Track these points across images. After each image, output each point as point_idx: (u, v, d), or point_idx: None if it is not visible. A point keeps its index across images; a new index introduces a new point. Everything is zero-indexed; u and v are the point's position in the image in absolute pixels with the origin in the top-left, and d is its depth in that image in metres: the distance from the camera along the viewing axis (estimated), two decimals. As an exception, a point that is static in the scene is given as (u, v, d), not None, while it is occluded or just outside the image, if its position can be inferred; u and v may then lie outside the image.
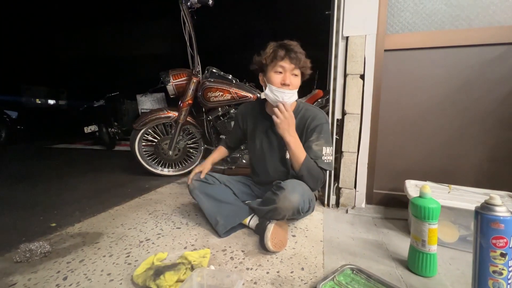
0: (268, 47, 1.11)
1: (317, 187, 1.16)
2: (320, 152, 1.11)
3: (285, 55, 1.07)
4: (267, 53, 1.09)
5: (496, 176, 1.33)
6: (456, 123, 1.37)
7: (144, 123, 2.10)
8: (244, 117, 1.32)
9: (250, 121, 1.30)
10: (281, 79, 1.08)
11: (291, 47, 1.07)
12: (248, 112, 1.32)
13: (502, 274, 0.61)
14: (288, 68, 1.07)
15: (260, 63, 1.12)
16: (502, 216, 0.61)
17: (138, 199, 1.67)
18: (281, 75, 1.08)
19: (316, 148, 1.11)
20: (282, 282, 0.83)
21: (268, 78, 1.11)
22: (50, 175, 2.37)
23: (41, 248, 0.98)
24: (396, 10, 1.38)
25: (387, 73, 1.42)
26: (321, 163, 1.10)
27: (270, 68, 1.10)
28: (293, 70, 1.09)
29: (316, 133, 1.13)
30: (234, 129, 1.41)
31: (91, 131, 4.00)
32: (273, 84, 1.09)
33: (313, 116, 1.16)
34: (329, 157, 1.12)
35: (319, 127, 1.13)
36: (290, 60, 1.06)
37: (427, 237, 0.83)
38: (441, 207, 0.85)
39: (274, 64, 1.08)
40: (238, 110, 1.40)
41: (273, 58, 1.08)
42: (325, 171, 1.15)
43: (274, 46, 1.09)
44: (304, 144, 1.13)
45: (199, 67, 2.07)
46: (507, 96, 1.28)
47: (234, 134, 1.42)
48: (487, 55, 1.29)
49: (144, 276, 0.80)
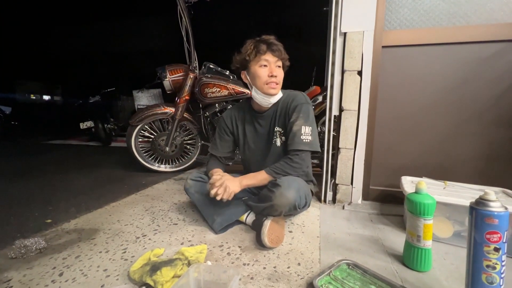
0: (248, 44, 1.13)
1: (306, 170, 1.19)
2: (299, 131, 1.12)
3: (267, 48, 1.10)
4: (249, 49, 1.11)
5: (491, 172, 1.35)
6: (453, 120, 1.37)
7: (140, 119, 2.08)
8: (233, 119, 1.31)
9: (240, 122, 1.30)
10: (268, 71, 1.11)
11: (270, 41, 1.11)
12: (236, 114, 1.31)
13: (495, 269, 0.62)
14: (272, 60, 1.11)
15: (243, 60, 1.14)
16: (496, 211, 0.62)
17: (134, 195, 1.66)
18: (267, 68, 1.11)
19: (296, 129, 1.12)
20: (279, 277, 0.84)
21: (254, 73, 1.13)
22: (45, 171, 2.35)
23: (37, 244, 0.98)
24: (394, 7, 1.38)
25: (384, 70, 1.42)
26: (301, 145, 1.10)
27: (254, 63, 1.12)
28: (276, 62, 1.13)
29: (295, 113, 1.15)
30: (221, 139, 1.31)
31: (86, 127, 3.97)
32: (260, 77, 1.11)
33: (293, 98, 1.18)
34: (308, 137, 1.12)
35: (298, 107, 1.15)
36: (273, 52, 1.10)
37: (422, 232, 0.84)
38: (436, 203, 0.86)
39: (258, 58, 1.11)
40: (224, 116, 1.32)
41: (257, 53, 1.10)
42: (306, 152, 1.14)
43: (254, 42, 1.12)
44: (287, 126, 1.16)
45: (196, 63, 2.05)
46: (504, 93, 1.29)
47: (223, 143, 1.31)
48: (484, 52, 1.29)
49: (141, 272, 0.80)
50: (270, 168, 1.12)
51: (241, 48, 1.16)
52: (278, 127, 1.21)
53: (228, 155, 1.35)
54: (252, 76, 1.14)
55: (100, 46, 9.68)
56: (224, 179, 1.06)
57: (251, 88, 1.17)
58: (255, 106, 1.24)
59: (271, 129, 1.23)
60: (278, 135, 1.21)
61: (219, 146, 1.31)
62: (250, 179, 1.12)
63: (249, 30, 1.39)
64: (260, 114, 1.23)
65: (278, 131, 1.21)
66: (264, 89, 1.13)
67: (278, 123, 1.20)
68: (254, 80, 1.14)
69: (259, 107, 1.23)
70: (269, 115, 1.22)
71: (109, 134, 4.15)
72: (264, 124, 1.24)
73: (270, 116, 1.22)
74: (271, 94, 1.13)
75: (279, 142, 1.21)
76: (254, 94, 1.17)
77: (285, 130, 1.19)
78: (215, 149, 1.32)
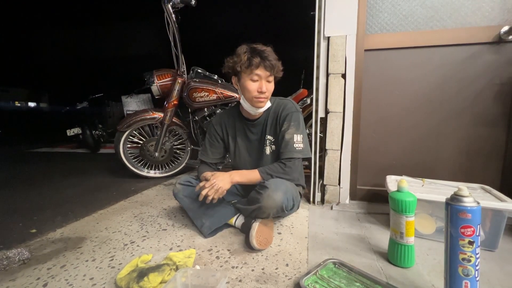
0: (241, 51, 1.09)
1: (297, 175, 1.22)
2: (292, 140, 1.15)
3: (260, 62, 1.06)
4: (242, 60, 1.07)
5: (470, 169, 1.40)
6: (433, 120, 1.42)
7: (128, 124, 2.06)
8: (223, 126, 1.31)
9: (230, 127, 1.30)
10: (257, 87, 1.10)
11: (265, 54, 1.07)
12: (225, 120, 1.31)
13: (470, 261, 0.65)
14: (263, 75, 1.09)
15: (234, 68, 1.11)
16: (469, 206, 0.65)
17: (123, 202, 1.64)
18: (257, 83, 1.10)
19: (288, 137, 1.15)
20: (267, 278, 0.85)
21: (244, 84, 1.12)
22: (31, 180, 2.29)
23: (20, 255, 0.96)
24: (374, 11, 1.43)
25: (367, 72, 1.46)
26: (294, 153, 1.14)
27: (245, 75, 1.10)
28: (268, 77, 1.11)
29: (286, 121, 1.17)
30: (211, 145, 1.31)
31: (74, 134, 3.89)
32: (249, 91, 1.10)
33: (284, 107, 1.20)
34: (300, 145, 1.15)
35: (289, 115, 1.17)
36: (265, 68, 1.08)
37: (405, 229, 0.87)
38: (419, 200, 0.89)
39: (250, 72, 1.08)
40: (213, 122, 1.33)
41: (249, 65, 1.07)
42: (298, 159, 1.18)
43: (248, 52, 1.07)
44: (279, 135, 1.18)
45: (184, 67, 2.05)
46: (479, 93, 1.35)
47: (214, 149, 1.31)
48: (460, 54, 1.35)
49: (128, 279, 0.79)
50: (263, 168, 1.14)
51: (233, 53, 1.12)
52: (269, 135, 1.23)
53: (218, 161, 1.36)
54: (241, 86, 1.13)
55: (88, 51, 9.52)
56: (214, 178, 1.07)
57: (240, 94, 1.19)
58: (245, 113, 1.25)
59: (262, 137, 1.25)
60: (268, 144, 1.23)
61: (209, 152, 1.32)
62: (241, 176, 1.13)
63: (238, 34, 1.41)
64: (251, 122, 1.24)
65: (268, 140, 1.23)
66: (252, 102, 1.13)
67: (269, 131, 1.22)
68: (243, 91, 1.14)
69: (248, 115, 1.23)
70: (260, 123, 1.24)
71: (97, 141, 4.08)
72: (255, 131, 1.26)
73: (261, 124, 1.24)
74: (258, 107, 1.15)
75: (269, 150, 1.23)
76: (243, 102, 1.18)
77: (276, 138, 1.22)
78: (205, 155, 1.32)
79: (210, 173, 1.15)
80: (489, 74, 1.32)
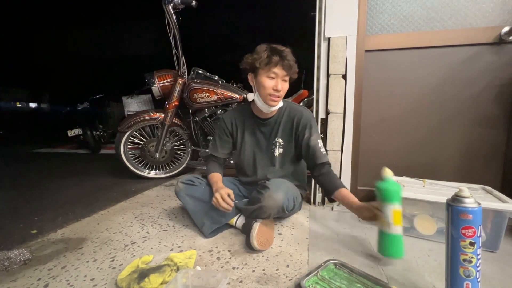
0: (261, 49, 1.10)
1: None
2: (317, 146, 1.19)
3: (278, 61, 1.08)
4: (262, 57, 1.08)
5: (471, 170, 1.40)
6: (434, 121, 1.42)
7: (129, 125, 2.07)
8: (234, 123, 1.31)
9: (240, 125, 1.30)
10: (273, 84, 1.10)
11: (283, 54, 1.08)
12: (236, 116, 1.31)
13: (471, 262, 0.65)
14: (280, 74, 1.10)
15: (253, 65, 1.12)
16: (470, 207, 0.65)
17: (124, 202, 1.64)
18: (273, 80, 1.10)
19: (313, 144, 1.18)
20: (268, 279, 0.85)
21: (260, 81, 1.12)
22: (31, 181, 2.29)
23: (21, 256, 0.96)
24: (375, 12, 1.43)
25: (368, 73, 1.46)
26: (324, 157, 1.19)
27: (263, 72, 1.11)
28: (284, 76, 1.11)
29: (307, 129, 1.20)
30: (221, 139, 1.32)
31: (75, 134, 3.90)
32: (265, 88, 1.10)
33: (299, 115, 1.21)
34: (323, 149, 1.21)
35: (308, 123, 1.20)
36: (283, 67, 1.08)
37: (392, 218, 0.86)
38: (419, 201, 0.90)
39: (268, 69, 1.09)
40: (224, 117, 1.32)
41: (267, 63, 1.08)
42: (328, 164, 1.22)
43: (268, 51, 1.09)
44: (301, 143, 1.21)
45: (184, 68, 2.05)
46: (480, 94, 1.35)
47: (223, 144, 1.32)
48: (460, 55, 1.35)
49: (129, 280, 0.79)
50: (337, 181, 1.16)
51: (253, 51, 1.13)
52: (279, 138, 1.23)
53: (227, 156, 1.37)
54: (257, 83, 1.14)
55: (89, 52, 9.54)
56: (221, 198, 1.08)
57: (254, 91, 1.18)
58: (256, 111, 1.24)
59: (271, 138, 1.25)
60: (278, 146, 1.24)
61: (219, 146, 1.32)
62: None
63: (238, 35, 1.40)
64: (262, 120, 1.24)
65: (278, 142, 1.24)
66: (266, 99, 1.13)
67: (280, 134, 1.23)
68: (258, 87, 1.14)
69: (260, 113, 1.23)
70: (272, 124, 1.24)
71: (98, 141, 4.09)
72: (265, 131, 1.26)
73: (272, 125, 1.24)
74: (270, 105, 1.15)
75: (277, 152, 1.24)
76: (256, 99, 1.18)
77: (286, 143, 1.23)
78: (215, 150, 1.33)
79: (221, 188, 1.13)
80: (490, 75, 1.32)
